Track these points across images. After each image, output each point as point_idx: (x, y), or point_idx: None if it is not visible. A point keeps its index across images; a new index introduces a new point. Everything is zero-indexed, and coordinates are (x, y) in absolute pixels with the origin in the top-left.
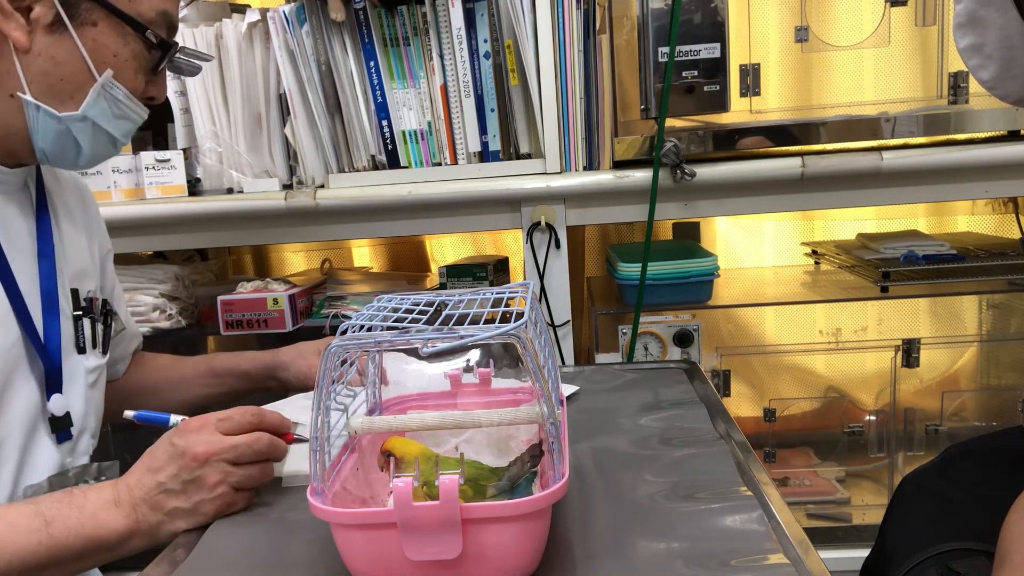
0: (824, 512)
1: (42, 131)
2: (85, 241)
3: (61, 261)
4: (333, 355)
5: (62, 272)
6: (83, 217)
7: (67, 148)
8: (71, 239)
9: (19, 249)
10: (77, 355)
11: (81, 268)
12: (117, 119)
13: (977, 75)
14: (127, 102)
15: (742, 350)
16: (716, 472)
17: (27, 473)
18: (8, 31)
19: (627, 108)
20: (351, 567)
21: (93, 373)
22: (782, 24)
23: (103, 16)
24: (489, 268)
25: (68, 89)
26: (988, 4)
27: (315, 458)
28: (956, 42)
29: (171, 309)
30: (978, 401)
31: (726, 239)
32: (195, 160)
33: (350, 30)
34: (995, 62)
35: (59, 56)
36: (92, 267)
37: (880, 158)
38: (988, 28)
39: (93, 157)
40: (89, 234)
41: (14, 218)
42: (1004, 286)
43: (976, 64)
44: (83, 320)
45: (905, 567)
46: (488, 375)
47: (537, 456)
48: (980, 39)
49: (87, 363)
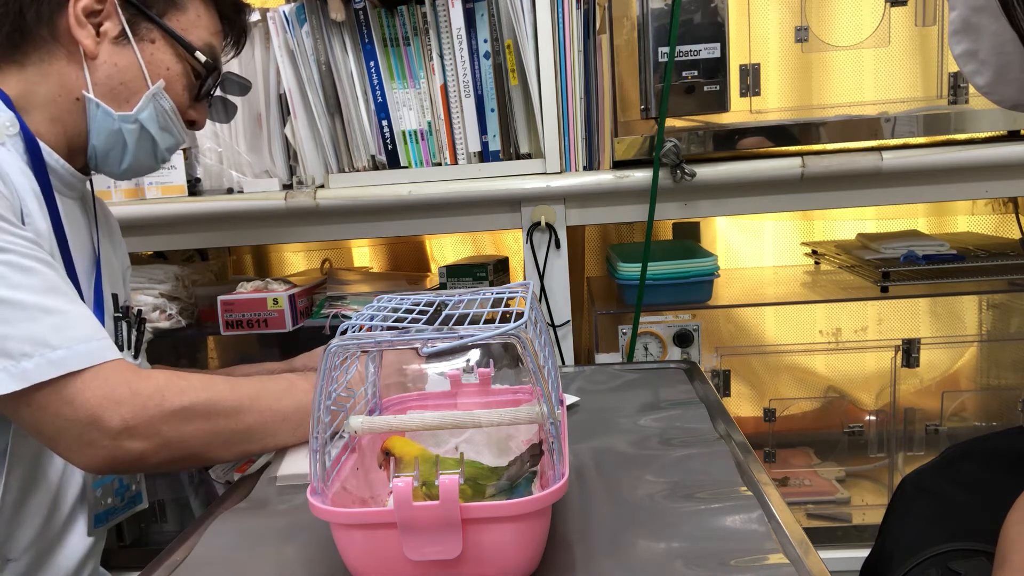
0: (824, 512)
1: (97, 128)
2: (114, 253)
3: (106, 267)
4: (333, 355)
5: (105, 277)
6: (110, 233)
7: (115, 148)
8: (108, 250)
9: (81, 251)
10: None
11: (116, 277)
12: (162, 130)
13: (973, 80)
14: (172, 115)
15: (742, 350)
16: (716, 472)
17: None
18: (81, 39)
19: (627, 108)
20: (351, 567)
21: None
22: (782, 24)
23: (160, 36)
24: (489, 268)
25: (125, 93)
26: (981, 11)
27: (315, 458)
28: (951, 48)
29: (171, 309)
30: (978, 401)
31: (726, 239)
32: (195, 160)
33: (350, 30)
34: (990, 68)
35: (121, 63)
36: (120, 279)
37: (880, 158)
38: (982, 35)
39: (134, 162)
40: (115, 248)
41: (79, 221)
42: (1004, 286)
43: (972, 70)
44: (122, 323)
45: (905, 567)
46: (488, 375)
47: (537, 455)
48: (974, 45)
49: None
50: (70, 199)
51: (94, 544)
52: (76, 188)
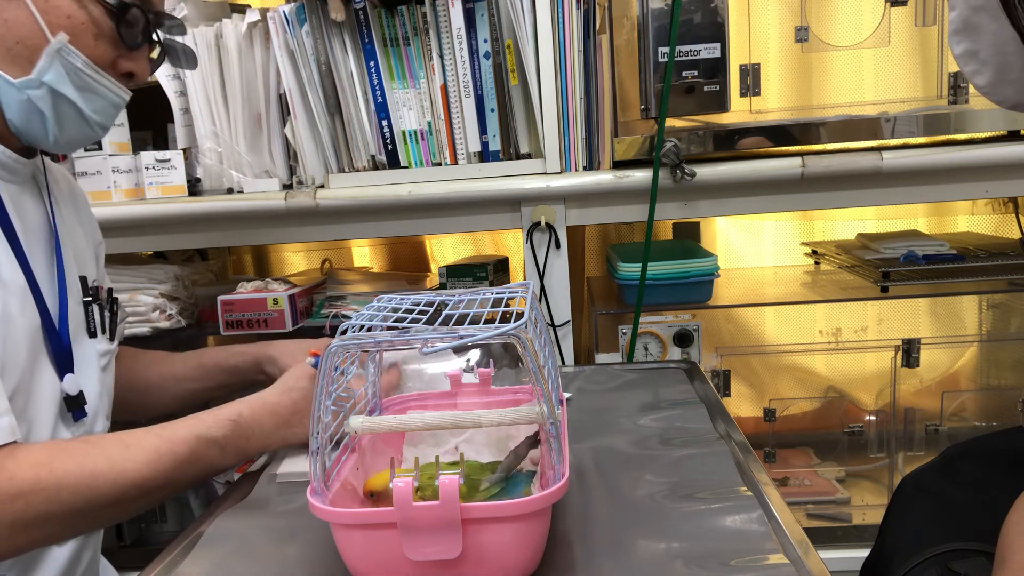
0: (824, 512)
1: (6, 101)
2: (81, 232)
3: (68, 249)
4: (333, 355)
5: (69, 259)
6: (76, 210)
7: (33, 120)
8: (72, 230)
9: (35, 236)
10: (88, 339)
11: (83, 258)
12: (81, 91)
13: (973, 81)
14: (89, 72)
15: (742, 350)
16: (716, 472)
17: None
18: None
19: (627, 108)
20: (351, 567)
21: (104, 357)
22: (782, 24)
23: None
24: (489, 268)
25: (24, 53)
26: (981, 11)
27: (315, 458)
28: (952, 48)
29: (171, 309)
30: (978, 401)
31: (726, 239)
32: (195, 160)
33: (350, 30)
34: (990, 68)
35: (11, 18)
36: (90, 258)
37: (880, 158)
38: (982, 34)
39: (63, 134)
40: (83, 226)
41: (29, 206)
42: (1004, 286)
43: (972, 70)
44: (92, 306)
45: (905, 567)
46: (488, 375)
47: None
48: (975, 45)
49: (98, 347)
50: (15, 184)
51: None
52: (20, 172)
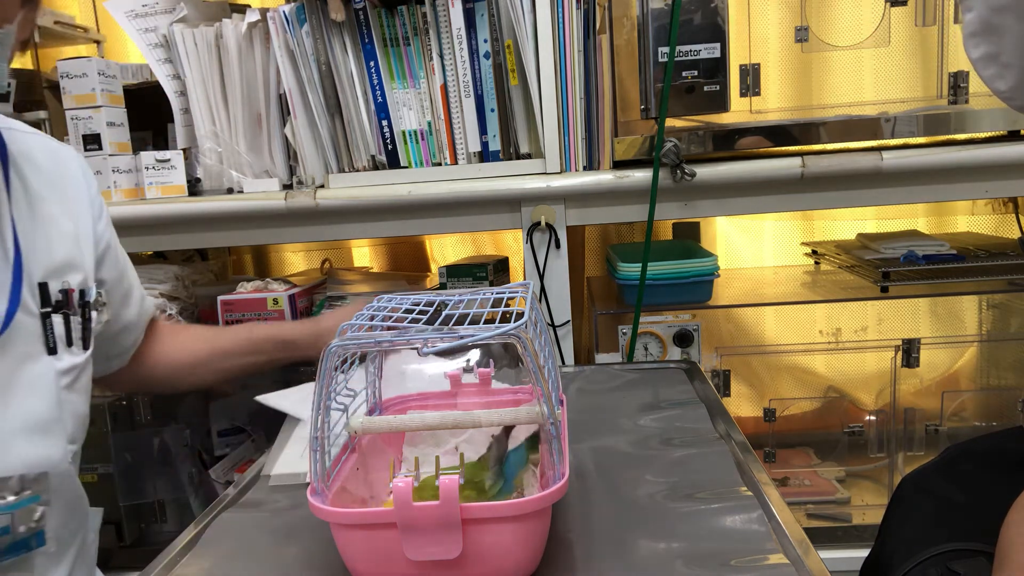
0: (824, 512)
1: None
2: (71, 228)
3: (28, 256)
4: (333, 355)
5: (31, 265)
6: (64, 203)
7: None
8: (46, 229)
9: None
10: (47, 356)
11: (60, 260)
12: None
13: (993, 86)
14: None
15: (742, 350)
16: (716, 472)
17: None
18: None
19: (627, 108)
20: (351, 567)
21: (68, 374)
22: (782, 24)
23: None
24: (489, 268)
25: None
26: (1004, 11)
27: (315, 458)
28: (968, 52)
29: (171, 309)
30: (978, 401)
31: (726, 239)
32: (195, 160)
33: (350, 30)
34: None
35: None
36: (79, 255)
37: (880, 158)
38: (1004, 36)
39: None
40: (76, 219)
41: None
42: (1004, 286)
43: (992, 74)
44: (51, 318)
45: (905, 567)
46: (488, 375)
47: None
48: (996, 48)
49: (58, 365)
50: None
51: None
52: None
